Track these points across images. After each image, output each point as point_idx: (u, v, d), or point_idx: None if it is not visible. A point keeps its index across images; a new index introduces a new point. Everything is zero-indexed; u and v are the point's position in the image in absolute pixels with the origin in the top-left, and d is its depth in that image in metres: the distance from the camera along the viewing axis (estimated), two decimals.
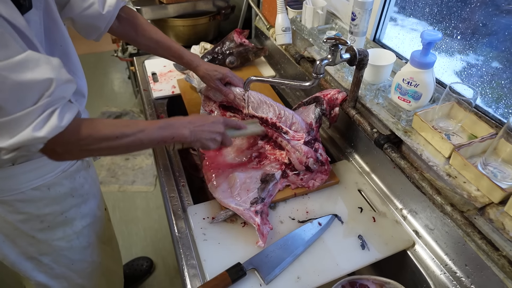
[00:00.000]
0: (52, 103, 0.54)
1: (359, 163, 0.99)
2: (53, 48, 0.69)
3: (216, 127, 0.77)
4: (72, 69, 0.75)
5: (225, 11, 1.51)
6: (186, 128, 0.72)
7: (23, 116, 0.52)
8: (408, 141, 0.78)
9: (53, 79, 0.53)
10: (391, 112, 0.85)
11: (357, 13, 0.92)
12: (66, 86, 0.57)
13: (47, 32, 0.66)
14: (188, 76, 1.25)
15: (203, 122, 0.76)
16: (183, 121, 0.74)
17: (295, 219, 0.84)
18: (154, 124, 0.69)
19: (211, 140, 0.77)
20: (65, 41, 0.72)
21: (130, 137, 0.65)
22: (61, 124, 0.55)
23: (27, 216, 0.78)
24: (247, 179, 0.88)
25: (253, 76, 0.87)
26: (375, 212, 0.86)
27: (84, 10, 0.80)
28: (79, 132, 0.60)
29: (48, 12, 0.66)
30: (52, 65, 0.54)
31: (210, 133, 0.76)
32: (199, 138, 0.74)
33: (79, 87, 0.77)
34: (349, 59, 0.79)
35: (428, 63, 0.75)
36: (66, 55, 0.73)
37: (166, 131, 0.70)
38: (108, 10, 0.83)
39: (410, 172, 0.76)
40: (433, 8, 0.89)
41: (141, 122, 0.68)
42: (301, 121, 0.94)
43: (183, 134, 0.72)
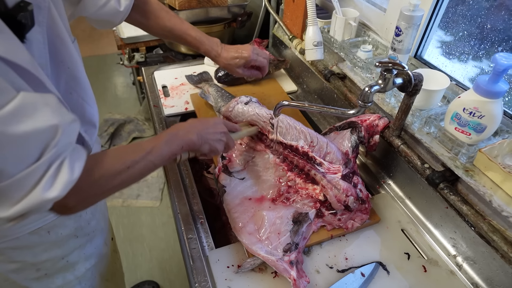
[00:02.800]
0: (59, 153, 0.45)
1: (400, 197, 0.87)
2: (59, 70, 0.58)
3: (219, 127, 0.72)
4: (81, 95, 0.64)
5: (242, 18, 1.39)
6: (191, 133, 0.66)
7: (27, 175, 0.42)
8: (472, 183, 0.66)
9: (58, 125, 0.43)
10: (446, 145, 0.73)
11: (403, 28, 0.80)
12: (72, 128, 0.47)
13: (52, 52, 0.55)
14: (203, 92, 1.13)
15: (206, 124, 0.70)
16: (185, 126, 0.68)
17: (333, 267, 0.73)
18: (158, 140, 0.62)
19: (218, 141, 0.71)
20: (73, 61, 0.61)
21: (141, 163, 0.58)
22: (73, 177, 0.46)
23: (20, 265, 0.67)
24: (277, 220, 0.76)
25: (284, 101, 0.75)
26: (424, 259, 0.75)
27: (100, 8, 0.72)
28: (90, 176, 0.51)
29: (53, 29, 0.55)
30: (51, 106, 0.43)
31: (215, 134, 0.70)
32: (206, 140, 0.68)
33: (89, 115, 0.67)
34: (402, 84, 0.67)
35: (498, 92, 0.64)
36: (74, 79, 0.62)
37: (173, 143, 0.63)
38: (125, 5, 0.76)
39: (475, 221, 0.64)
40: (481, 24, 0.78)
41: (145, 143, 0.61)
42: (337, 151, 0.82)
43: (191, 139, 0.65)
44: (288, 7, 1.21)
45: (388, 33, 0.97)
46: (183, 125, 0.68)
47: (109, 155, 0.55)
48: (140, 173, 0.58)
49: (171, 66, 1.35)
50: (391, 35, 0.97)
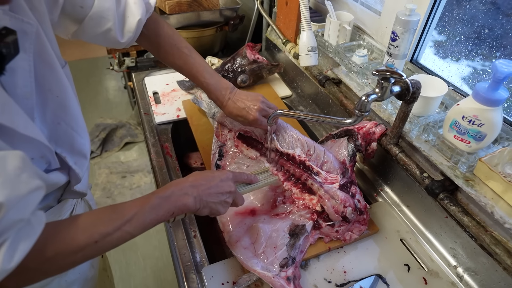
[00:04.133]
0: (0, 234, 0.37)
1: (398, 205, 0.85)
2: (46, 99, 0.53)
3: (225, 187, 0.62)
4: (70, 125, 0.58)
5: (234, 21, 1.36)
6: (188, 196, 0.57)
7: None
8: (472, 193, 0.64)
9: (3, 203, 0.36)
10: (445, 153, 0.71)
11: (399, 33, 0.78)
12: (29, 200, 0.40)
13: (39, 80, 0.50)
14: (195, 98, 1.10)
15: (209, 182, 0.60)
16: (183, 186, 0.58)
17: (331, 282, 0.71)
18: (144, 205, 0.53)
19: (221, 204, 0.62)
20: (62, 89, 0.56)
21: (114, 235, 0.49)
22: (9, 265, 0.37)
23: None
24: (273, 233, 0.73)
25: (279, 110, 0.72)
26: (425, 270, 0.73)
27: (98, 35, 0.67)
28: (42, 253, 0.43)
29: (41, 55, 0.50)
30: (3, 175, 0.36)
31: (218, 195, 0.61)
32: (206, 204, 0.59)
33: (79, 146, 0.60)
34: (400, 93, 0.65)
35: (498, 100, 0.62)
36: (63, 108, 0.56)
37: (161, 209, 0.54)
38: (128, 37, 0.71)
39: (477, 232, 0.62)
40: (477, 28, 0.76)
41: (127, 207, 0.52)
42: (334, 160, 0.80)
43: (185, 204, 0.56)
44: (281, 11, 1.19)
45: (384, 37, 0.95)
46: (181, 184, 0.58)
47: (74, 225, 0.46)
48: (112, 245, 0.50)
49: (162, 71, 1.31)
50: (386, 39, 0.95)
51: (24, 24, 0.46)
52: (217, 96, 0.80)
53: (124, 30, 0.70)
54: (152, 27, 0.75)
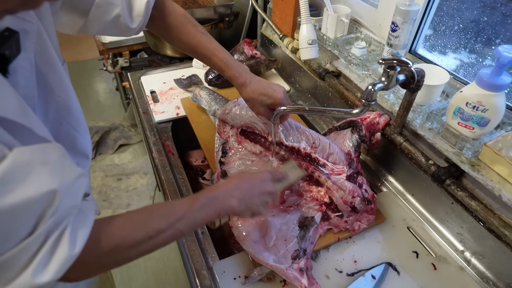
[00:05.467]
0: (59, 221, 0.38)
1: (403, 194, 0.86)
2: (48, 99, 0.52)
3: (266, 187, 0.61)
4: (72, 125, 0.57)
5: (229, 18, 1.36)
6: (233, 198, 0.57)
7: (16, 254, 0.35)
8: (479, 178, 0.65)
9: (57, 190, 0.36)
10: (450, 140, 0.72)
11: (399, 23, 0.79)
12: (76, 186, 0.41)
13: (41, 80, 0.49)
14: (194, 96, 1.10)
15: (251, 184, 0.60)
16: (227, 188, 0.58)
17: (342, 271, 0.71)
18: (193, 204, 0.53)
19: (263, 205, 0.61)
20: (64, 89, 0.55)
21: (167, 232, 0.49)
22: (74, 251, 0.39)
23: None
24: (283, 226, 0.73)
25: (282, 107, 0.72)
26: (433, 256, 0.74)
27: (108, 24, 0.64)
28: (99, 246, 0.43)
29: (42, 54, 0.49)
30: (51, 163, 0.37)
31: (260, 195, 0.60)
32: (249, 206, 0.59)
33: (81, 146, 0.59)
34: (405, 81, 0.66)
35: (501, 85, 0.63)
36: (65, 108, 0.55)
37: (210, 209, 0.54)
38: (139, 22, 0.67)
39: (485, 216, 0.63)
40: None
41: (177, 205, 0.52)
42: (339, 151, 0.80)
43: (230, 206, 0.56)
44: (277, 6, 1.19)
45: (382, 29, 0.96)
46: (225, 185, 0.58)
47: (130, 220, 0.47)
48: (164, 243, 0.50)
49: (158, 70, 1.30)
50: (384, 31, 0.96)
51: (26, 23, 0.45)
52: (240, 72, 0.74)
53: (133, 15, 0.67)
54: (161, 7, 0.71)
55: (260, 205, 0.60)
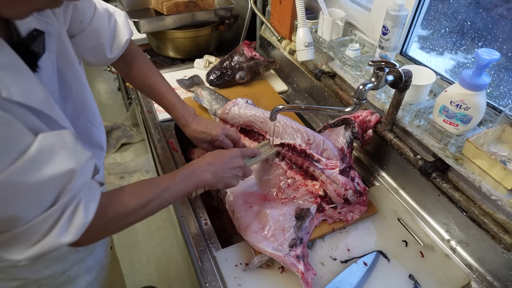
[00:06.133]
0: (75, 195, 0.46)
1: (394, 188, 0.92)
2: (67, 96, 0.58)
3: (235, 162, 0.72)
4: (89, 118, 0.64)
5: (229, 21, 1.41)
6: (207, 172, 0.68)
7: (42, 220, 0.43)
8: (462, 171, 0.71)
9: (75, 169, 0.44)
10: (436, 136, 0.78)
11: (389, 27, 0.84)
12: (87, 167, 0.48)
13: (61, 78, 0.55)
14: (196, 96, 1.15)
15: (222, 160, 0.71)
16: (202, 164, 0.69)
17: (336, 259, 0.76)
18: (174, 177, 0.63)
19: (233, 177, 0.72)
20: (81, 86, 0.62)
21: (156, 201, 0.59)
22: (88, 219, 0.47)
23: (23, 282, 0.66)
24: (280, 217, 0.79)
25: (280, 105, 0.77)
26: (421, 245, 0.79)
27: (89, 50, 0.72)
28: (105, 215, 0.53)
29: (62, 54, 0.55)
30: (68, 147, 0.44)
31: (231, 169, 0.71)
32: (221, 178, 0.70)
33: (97, 139, 0.67)
34: (393, 81, 0.71)
35: (481, 85, 0.68)
36: (82, 103, 0.62)
37: (188, 181, 0.65)
38: (115, 54, 0.76)
39: (467, 206, 0.69)
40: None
41: (161, 179, 0.62)
42: (333, 147, 0.85)
43: (206, 179, 0.67)
44: (275, 9, 1.24)
45: (374, 32, 1.01)
46: (200, 163, 0.69)
47: (124, 193, 0.56)
48: (153, 210, 0.60)
49: (161, 71, 1.34)
50: (377, 34, 1.01)
51: (49, 25, 0.51)
52: (183, 114, 0.86)
53: (113, 47, 0.75)
54: (130, 47, 0.81)
55: (231, 178, 0.71)
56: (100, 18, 0.70)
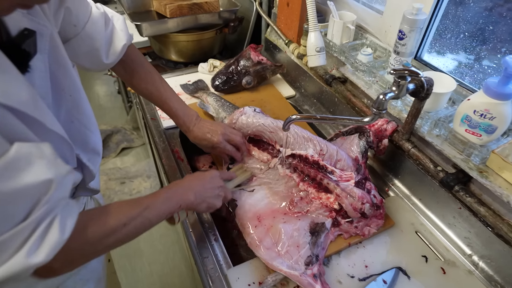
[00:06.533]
0: (51, 210, 0.42)
1: (410, 199, 0.88)
2: (60, 99, 0.55)
3: (216, 182, 0.72)
4: (84, 122, 0.61)
5: (233, 23, 1.37)
6: (190, 191, 0.66)
7: (11, 237, 0.38)
8: (487, 184, 0.67)
9: (53, 179, 0.41)
10: (457, 146, 0.74)
11: (406, 31, 0.80)
12: (66, 181, 0.45)
13: (54, 80, 0.52)
14: (202, 103, 1.11)
15: (202, 180, 0.70)
16: (183, 185, 0.68)
17: (354, 276, 0.72)
18: (157, 197, 0.61)
19: (216, 197, 0.71)
20: (75, 89, 0.58)
21: (137, 219, 0.56)
22: (64, 237, 0.43)
23: None
24: (294, 232, 0.75)
25: (294, 115, 0.73)
26: (441, 260, 0.75)
27: (84, 55, 0.68)
28: (82, 234, 0.48)
29: (54, 56, 0.52)
30: (46, 157, 0.41)
31: (212, 189, 0.70)
32: (204, 199, 0.68)
33: (93, 143, 0.63)
34: (414, 90, 0.67)
35: (509, 94, 0.64)
36: (76, 107, 0.59)
37: (171, 201, 0.63)
38: (112, 59, 0.73)
39: (494, 222, 0.65)
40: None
41: (143, 198, 0.59)
42: (347, 158, 0.82)
43: (188, 199, 0.65)
44: (282, 12, 1.20)
45: (387, 36, 0.98)
46: (182, 183, 0.68)
47: (104, 211, 0.53)
48: (136, 231, 0.56)
49: (163, 75, 1.31)
50: (390, 38, 0.97)
51: (40, 26, 0.48)
52: (184, 121, 0.85)
53: (109, 52, 0.72)
54: (130, 53, 0.78)
55: (214, 198, 0.70)
56: (95, 22, 0.67)
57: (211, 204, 0.70)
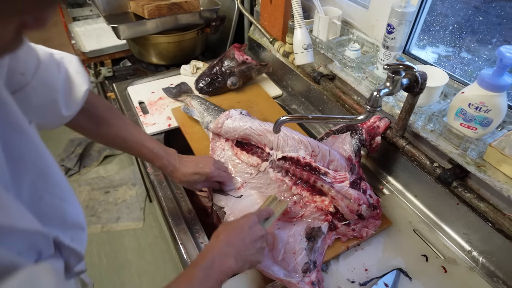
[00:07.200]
0: None
1: (407, 197, 0.86)
2: (20, 171, 0.41)
3: (256, 231, 0.60)
4: (56, 194, 0.46)
5: (215, 23, 1.32)
6: (228, 257, 0.55)
7: None
8: (486, 179, 0.65)
9: None
10: (453, 141, 0.72)
11: (395, 25, 0.78)
12: None
13: (7, 147, 0.39)
14: (186, 107, 1.06)
15: (241, 233, 0.58)
16: (219, 247, 0.55)
17: (355, 281, 0.69)
18: (191, 279, 0.50)
19: (259, 252, 0.59)
20: (37, 153, 0.44)
21: None
22: None
23: None
24: (290, 238, 0.71)
25: (284, 116, 0.70)
26: (442, 259, 0.73)
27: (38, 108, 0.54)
28: None
29: (5, 118, 0.40)
30: None
31: (254, 243, 0.58)
32: (246, 259, 0.57)
33: (72, 217, 0.49)
34: (408, 85, 0.65)
35: (504, 86, 0.63)
36: (43, 176, 0.45)
37: (209, 280, 0.51)
38: (74, 109, 0.59)
39: (495, 217, 0.63)
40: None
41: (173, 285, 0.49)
42: (340, 157, 0.79)
43: (229, 268, 0.54)
44: (265, 9, 1.16)
45: (374, 30, 0.95)
46: (217, 247, 0.56)
47: None
48: None
49: (145, 79, 1.25)
50: (377, 32, 0.95)
51: None
52: (168, 160, 0.75)
53: (69, 101, 0.58)
54: (91, 99, 0.65)
55: (257, 254, 0.59)
56: (47, 67, 0.54)
57: (254, 263, 0.59)
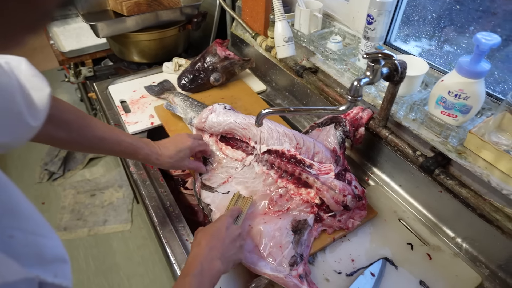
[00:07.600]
0: None
1: (391, 187, 0.86)
2: None
3: (233, 232, 0.63)
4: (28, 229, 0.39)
5: (197, 19, 1.31)
6: (215, 260, 0.57)
7: None
8: (467, 165, 0.66)
9: None
10: (434, 129, 0.73)
11: (375, 15, 0.78)
12: None
13: None
14: (168, 104, 1.04)
15: (220, 235, 0.60)
16: (204, 253, 0.57)
17: (341, 272, 0.69)
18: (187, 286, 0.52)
19: (239, 250, 0.62)
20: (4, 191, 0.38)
21: None
22: None
23: None
24: (276, 232, 0.71)
25: (266, 109, 0.69)
26: (427, 246, 0.74)
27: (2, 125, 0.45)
28: None
29: None
30: None
31: (233, 243, 0.61)
32: (229, 258, 0.59)
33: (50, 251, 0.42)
34: (389, 74, 0.65)
35: (481, 72, 0.63)
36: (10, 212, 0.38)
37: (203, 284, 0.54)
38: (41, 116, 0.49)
39: (476, 202, 0.64)
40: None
41: None
42: (324, 149, 0.79)
43: (218, 270, 0.56)
44: (247, 4, 1.15)
45: (355, 22, 0.95)
46: (202, 253, 0.57)
47: None
48: None
49: (126, 78, 1.23)
50: (358, 24, 0.95)
51: None
52: (150, 150, 0.74)
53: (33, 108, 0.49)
54: (55, 103, 0.56)
55: (238, 252, 0.62)
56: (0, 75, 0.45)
57: (236, 261, 0.62)
